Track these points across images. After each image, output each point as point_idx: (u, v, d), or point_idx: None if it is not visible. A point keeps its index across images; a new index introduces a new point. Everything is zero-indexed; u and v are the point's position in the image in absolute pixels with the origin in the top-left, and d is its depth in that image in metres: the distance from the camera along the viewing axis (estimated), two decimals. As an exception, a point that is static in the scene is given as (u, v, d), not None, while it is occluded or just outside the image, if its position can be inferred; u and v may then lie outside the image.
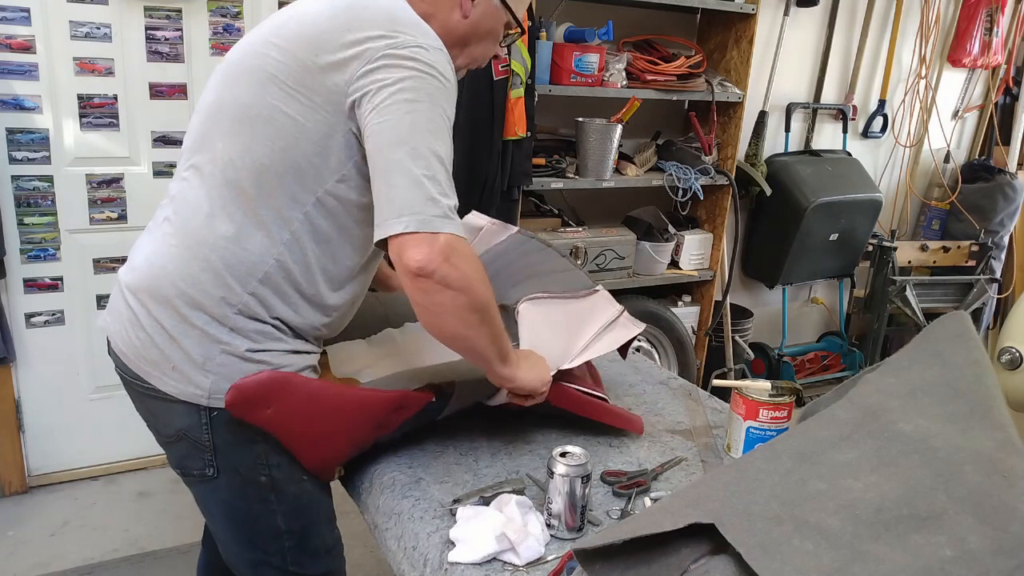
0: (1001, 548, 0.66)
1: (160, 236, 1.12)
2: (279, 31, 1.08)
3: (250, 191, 1.05)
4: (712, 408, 1.49)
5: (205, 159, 1.09)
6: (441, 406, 1.22)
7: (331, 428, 1.12)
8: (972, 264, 3.70)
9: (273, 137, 1.04)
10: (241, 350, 1.07)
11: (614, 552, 0.78)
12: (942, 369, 0.88)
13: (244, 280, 1.06)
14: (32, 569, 2.13)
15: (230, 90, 1.09)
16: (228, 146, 1.06)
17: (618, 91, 2.64)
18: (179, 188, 1.13)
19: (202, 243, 1.07)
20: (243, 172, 1.05)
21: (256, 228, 1.06)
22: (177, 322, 1.07)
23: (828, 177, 3.26)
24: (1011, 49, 3.80)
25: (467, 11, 1.15)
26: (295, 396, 1.08)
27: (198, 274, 1.06)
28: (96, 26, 2.25)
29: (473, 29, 1.17)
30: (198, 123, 1.13)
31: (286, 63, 1.04)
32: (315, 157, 1.04)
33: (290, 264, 1.08)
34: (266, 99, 1.04)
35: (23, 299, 2.37)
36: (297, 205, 1.06)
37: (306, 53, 1.03)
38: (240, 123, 1.06)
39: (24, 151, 2.27)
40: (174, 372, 1.07)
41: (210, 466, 1.12)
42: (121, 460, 2.62)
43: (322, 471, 1.18)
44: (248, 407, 1.05)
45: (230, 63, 1.12)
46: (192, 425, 1.09)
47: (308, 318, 1.13)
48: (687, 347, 3.07)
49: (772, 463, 0.82)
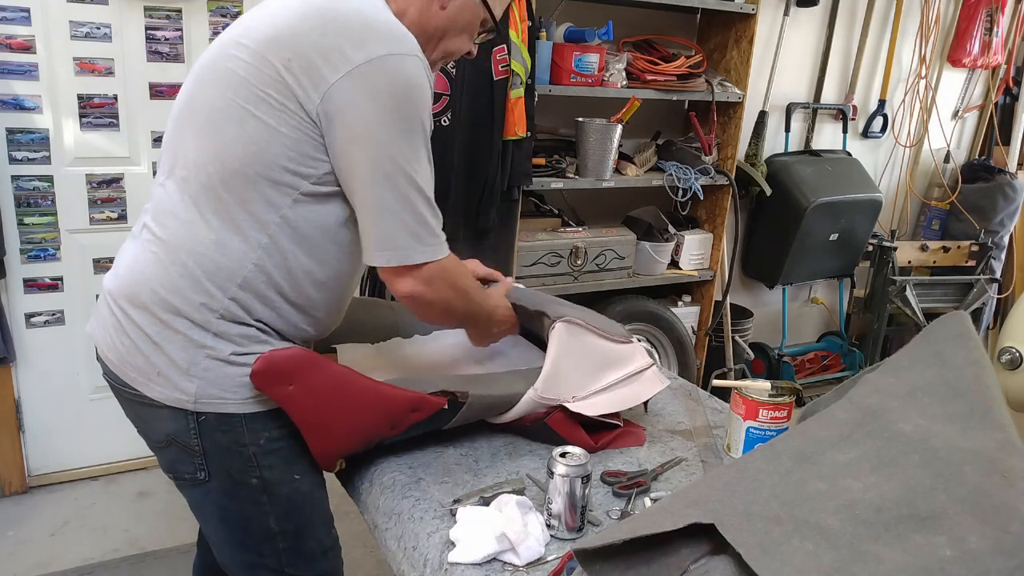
0: (1001, 548, 0.66)
1: (142, 242, 1.11)
2: (248, 32, 1.05)
3: (224, 196, 1.04)
4: (712, 408, 1.49)
5: (179, 163, 1.08)
6: (452, 414, 1.22)
7: (347, 416, 1.12)
8: (972, 264, 3.70)
9: (244, 141, 1.02)
10: (226, 354, 1.06)
11: (614, 552, 0.78)
12: (942, 369, 0.88)
13: (224, 285, 1.06)
14: (32, 569, 2.13)
15: (201, 92, 1.08)
16: (200, 150, 1.05)
17: (618, 91, 2.64)
18: (158, 193, 1.12)
19: (179, 248, 1.06)
20: (216, 177, 1.04)
21: (233, 233, 1.05)
22: (159, 328, 1.06)
23: (828, 177, 3.26)
24: (1011, 49, 3.80)
25: (445, 3, 1.13)
26: (320, 377, 1.08)
27: (177, 280, 1.05)
28: (96, 26, 2.25)
29: (451, 22, 1.16)
30: (172, 126, 1.12)
31: (255, 65, 1.02)
32: (288, 161, 1.03)
33: (270, 268, 1.07)
34: (236, 102, 1.03)
35: (23, 299, 2.37)
36: (273, 208, 1.05)
37: (276, 56, 1.01)
38: (211, 126, 1.05)
39: (24, 151, 2.27)
40: (159, 378, 1.07)
41: (201, 470, 1.11)
42: (121, 460, 2.62)
43: (325, 459, 1.16)
44: (272, 380, 1.05)
45: (201, 64, 1.11)
46: (180, 430, 1.09)
47: (292, 320, 1.12)
48: (687, 347, 3.08)
49: (772, 463, 0.82)
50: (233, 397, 1.07)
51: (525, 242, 2.61)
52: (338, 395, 1.10)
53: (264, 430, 1.10)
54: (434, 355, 1.47)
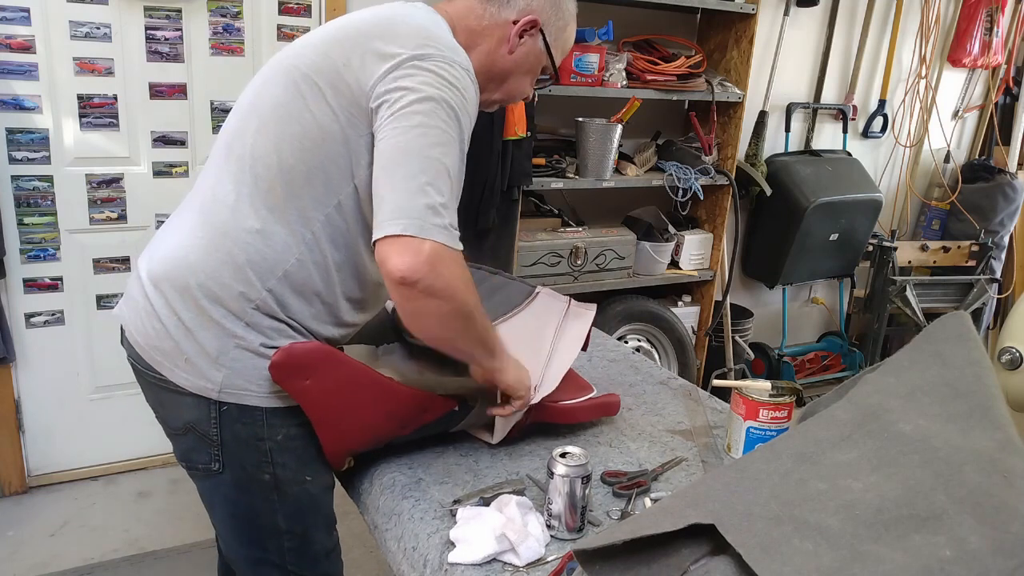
0: (1001, 548, 0.66)
1: (187, 228, 1.12)
2: (319, 34, 1.12)
3: (277, 189, 1.07)
4: (712, 408, 1.49)
5: (236, 155, 1.11)
6: (460, 417, 1.23)
7: (360, 412, 1.12)
8: (972, 264, 3.70)
9: (300, 137, 1.06)
10: (255, 345, 1.07)
11: (614, 553, 0.78)
12: (942, 369, 0.88)
13: (264, 276, 1.07)
14: (32, 569, 2.13)
15: (267, 87, 1.12)
16: (259, 143, 1.08)
17: (618, 91, 2.64)
18: (209, 181, 1.14)
19: (226, 236, 1.08)
20: (272, 170, 1.07)
21: (281, 225, 1.07)
22: (195, 314, 1.07)
23: (828, 177, 3.26)
24: (1011, 49, 3.80)
25: (513, 47, 1.19)
26: (337, 372, 1.09)
27: (219, 267, 1.07)
28: (96, 26, 2.25)
29: (515, 66, 1.21)
30: (236, 119, 1.15)
31: (318, 63, 1.07)
32: (339, 158, 1.06)
33: (310, 265, 1.09)
34: (296, 98, 1.07)
35: (23, 299, 2.37)
36: (320, 206, 1.07)
37: (338, 54, 1.06)
38: (272, 121, 1.08)
39: (24, 151, 2.27)
40: (187, 364, 1.08)
41: (216, 460, 1.12)
42: (121, 460, 2.61)
43: (335, 455, 1.17)
44: (291, 372, 1.05)
45: (271, 65, 1.15)
46: (201, 419, 1.09)
47: (323, 320, 1.13)
48: (687, 347, 3.07)
49: (772, 463, 0.82)
50: (257, 390, 1.08)
51: (525, 242, 2.61)
52: (353, 391, 1.11)
53: (283, 426, 1.11)
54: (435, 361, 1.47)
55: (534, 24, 1.19)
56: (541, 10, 1.19)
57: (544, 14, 1.20)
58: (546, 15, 1.20)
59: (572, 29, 1.27)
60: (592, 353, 1.74)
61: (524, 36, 1.19)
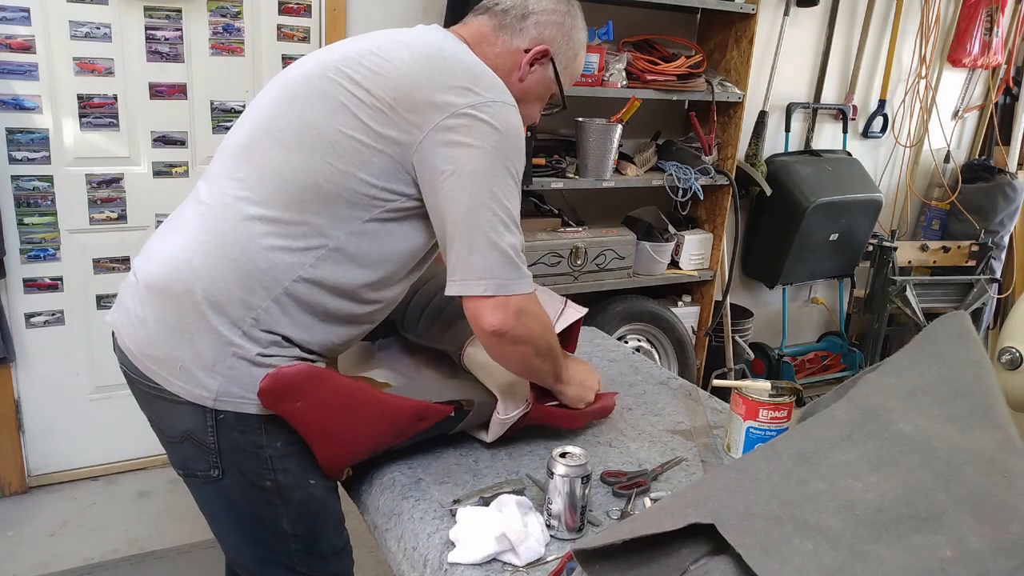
0: (1001, 548, 0.66)
1: (190, 233, 1.10)
2: (354, 64, 1.09)
3: (297, 203, 1.06)
4: (712, 408, 1.49)
5: (253, 165, 1.09)
6: (457, 421, 1.23)
7: (355, 428, 1.12)
8: (972, 264, 3.70)
9: (334, 160, 1.06)
10: (252, 354, 1.06)
11: (614, 552, 0.78)
12: (942, 369, 0.88)
13: (270, 287, 1.06)
14: (32, 569, 2.13)
15: (292, 105, 1.11)
16: (284, 158, 1.08)
17: (618, 91, 2.64)
18: (217, 189, 1.12)
19: (235, 244, 1.06)
20: (294, 186, 1.06)
21: (293, 239, 1.07)
22: (193, 320, 1.06)
23: (828, 177, 3.26)
24: (1011, 49, 3.80)
25: (524, 75, 1.22)
26: (327, 392, 1.08)
27: (226, 274, 1.06)
28: (96, 26, 2.25)
29: (525, 94, 1.23)
30: (250, 128, 1.13)
31: (361, 99, 1.07)
32: (372, 188, 1.07)
33: (315, 281, 1.08)
34: (334, 125, 1.06)
35: (23, 299, 2.37)
36: (340, 225, 1.08)
37: (384, 93, 1.06)
38: (301, 139, 1.07)
39: (24, 151, 2.27)
40: (181, 372, 1.06)
41: (215, 468, 1.11)
42: (121, 460, 2.62)
43: (333, 469, 1.17)
44: (281, 397, 1.05)
45: (294, 78, 1.14)
46: (197, 427, 1.08)
47: (321, 336, 1.13)
48: (687, 347, 3.07)
49: (772, 463, 0.82)
50: (254, 398, 1.07)
51: (525, 242, 2.61)
52: (345, 408, 1.10)
53: (282, 433, 1.10)
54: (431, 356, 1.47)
55: (545, 53, 1.21)
56: (552, 40, 1.21)
57: (555, 44, 1.22)
58: (557, 45, 1.22)
59: (582, 58, 1.29)
60: (592, 353, 1.75)
61: (535, 65, 1.21)
